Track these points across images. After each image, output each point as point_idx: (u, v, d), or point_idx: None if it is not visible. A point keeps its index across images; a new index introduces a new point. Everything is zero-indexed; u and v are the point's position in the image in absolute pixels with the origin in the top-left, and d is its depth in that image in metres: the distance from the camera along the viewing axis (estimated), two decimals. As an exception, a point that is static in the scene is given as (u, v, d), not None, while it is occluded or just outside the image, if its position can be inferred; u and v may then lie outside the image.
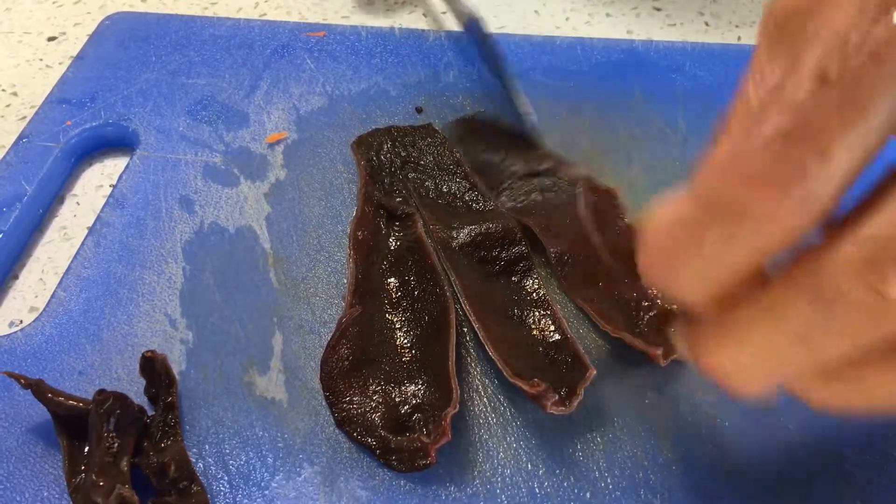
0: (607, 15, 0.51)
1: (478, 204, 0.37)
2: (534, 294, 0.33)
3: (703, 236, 0.19)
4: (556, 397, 0.29)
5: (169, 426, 0.31)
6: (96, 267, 0.37)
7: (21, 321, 0.36)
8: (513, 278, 0.34)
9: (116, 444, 0.29)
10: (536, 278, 0.34)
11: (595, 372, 0.30)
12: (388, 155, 0.39)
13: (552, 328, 0.32)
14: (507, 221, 0.35)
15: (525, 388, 0.29)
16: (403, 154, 0.38)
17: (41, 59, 0.49)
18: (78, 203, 0.41)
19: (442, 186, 0.37)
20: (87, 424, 0.30)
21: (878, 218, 0.18)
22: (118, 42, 0.47)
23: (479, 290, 0.33)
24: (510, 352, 0.31)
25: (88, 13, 0.52)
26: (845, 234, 0.18)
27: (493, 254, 0.35)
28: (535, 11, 0.51)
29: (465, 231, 0.35)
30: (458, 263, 0.34)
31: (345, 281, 0.36)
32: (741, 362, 0.21)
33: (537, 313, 0.33)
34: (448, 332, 0.32)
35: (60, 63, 0.49)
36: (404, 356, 0.32)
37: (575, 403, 0.29)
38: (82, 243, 0.37)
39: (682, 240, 0.19)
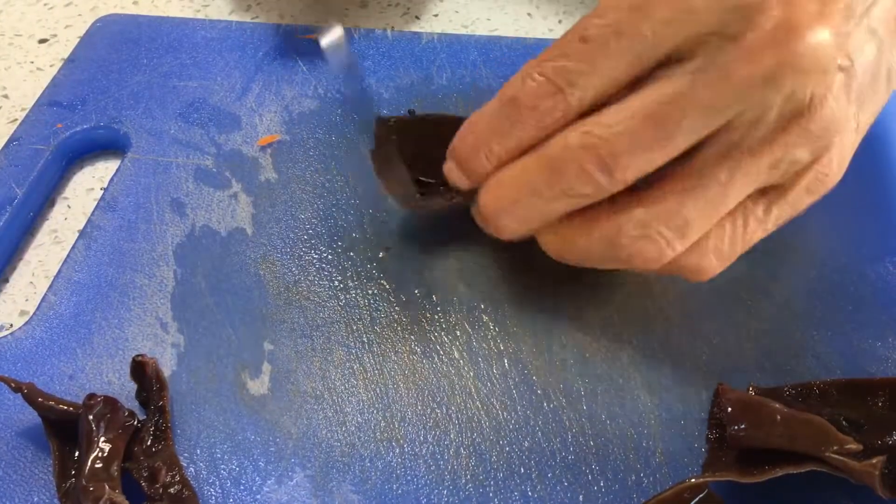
0: (600, 17, 0.51)
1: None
2: None
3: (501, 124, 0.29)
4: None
5: (160, 430, 0.31)
6: (87, 270, 0.36)
7: (11, 325, 0.36)
8: None
9: (107, 449, 0.29)
10: None
11: None
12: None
13: None
14: None
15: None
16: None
17: (32, 62, 0.49)
18: (69, 206, 0.41)
19: None
20: (77, 429, 0.30)
21: (610, 112, 0.27)
22: (109, 44, 0.47)
23: None
24: None
25: (80, 15, 0.52)
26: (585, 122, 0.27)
27: None
28: (528, 14, 0.51)
29: None
30: None
31: (338, 283, 0.36)
32: (501, 203, 0.29)
33: None
34: None
35: (51, 65, 0.48)
36: None
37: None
38: (73, 247, 0.37)
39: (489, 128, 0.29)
